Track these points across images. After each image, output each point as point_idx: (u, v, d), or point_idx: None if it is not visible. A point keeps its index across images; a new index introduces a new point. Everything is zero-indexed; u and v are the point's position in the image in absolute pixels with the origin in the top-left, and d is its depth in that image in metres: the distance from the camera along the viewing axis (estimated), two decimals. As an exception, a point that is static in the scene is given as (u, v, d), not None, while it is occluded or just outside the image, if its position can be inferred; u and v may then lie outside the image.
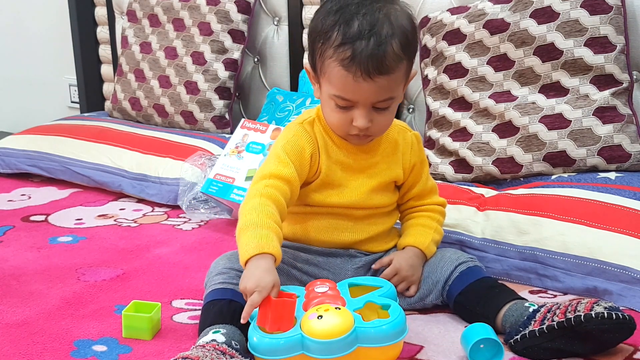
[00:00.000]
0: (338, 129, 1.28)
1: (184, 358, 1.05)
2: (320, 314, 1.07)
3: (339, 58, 1.19)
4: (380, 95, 1.22)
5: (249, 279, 1.11)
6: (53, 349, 1.20)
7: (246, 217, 1.19)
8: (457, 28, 1.83)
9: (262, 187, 1.23)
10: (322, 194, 1.32)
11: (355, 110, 1.23)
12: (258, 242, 1.14)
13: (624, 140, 1.65)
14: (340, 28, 1.19)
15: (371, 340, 1.07)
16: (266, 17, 2.36)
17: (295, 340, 1.07)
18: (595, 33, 1.67)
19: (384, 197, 1.36)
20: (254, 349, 1.08)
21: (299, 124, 1.33)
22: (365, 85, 1.19)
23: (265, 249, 1.14)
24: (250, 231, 1.16)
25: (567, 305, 1.14)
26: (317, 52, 1.24)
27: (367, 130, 1.25)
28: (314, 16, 1.27)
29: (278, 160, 1.28)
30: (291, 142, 1.30)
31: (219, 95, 2.29)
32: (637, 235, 1.38)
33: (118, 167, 2.07)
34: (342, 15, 1.20)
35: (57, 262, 1.58)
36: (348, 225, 1.34)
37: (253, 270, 1.12)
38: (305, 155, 1.30)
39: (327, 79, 1.23)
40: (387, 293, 1.19)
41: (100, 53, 2.77)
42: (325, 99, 1.27)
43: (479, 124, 1.78)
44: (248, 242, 1.15)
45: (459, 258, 1.33)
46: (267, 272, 1.11)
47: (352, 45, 1.18)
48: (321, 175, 1.31)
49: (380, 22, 1.19)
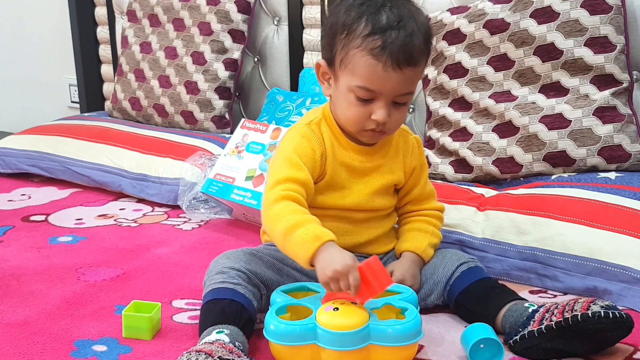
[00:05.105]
0: (354, 124, 1.27)
1: (198, 351, 1.05)
2: (337, 306, 1.10)
3: (369, 47, 1.19)
4: (404, 88, 1.23)
5: (333, 264, 1.09)
6: (53, 349, 1.20)
7: (282, 223, 1.16)
8: (457, 28, 1.83)
9: (280, 192, 1.21)
10: (325, 196, 1.32)
11: (375, 103, 1.23)
12: (313, 234, 1.13)
13: (624, 140, 1.65)
14: (368, 18, 1.20)
15: (384, 339, 1.09)
16: (266, 17, 2.36)
17: (310, 328, 1.09)
18: (595, 33, 1.66)
19: (385, 200, 1.36)
20: (271, 334, 1.11)
21: (306, 124, 1.32)
22: (394, 75, 1.20)
23: (324, 237, 1.13)
24: (296, 232, 1.14)
25: (564, 305, 1.14)
26: (338, 44, 1.24)
27: (384, 126, 1.25)
28: (331, 12, 1.28)
29: (290, 164, 1.26)
30: (302, 144, 1.29)
31: (219, 95, 2.29)
32: (637, 235, 1.38)
33: (118, 167, 2.07)
34: (369, 7, 1.21)
35: (57, 262, 1.58)
36: (348, 228, 1.34)
37: (329, 257, 1.11)
38: (316, 157, 1.29)
39: (351, 70, 1.22)
40: (408, 298, 1.20)
41: (100, 53, 2.77)
42: (343, 93, 1.26)
43: (479, 123, 1.78)
44: (302, 241, 1.13)
45: (460, 258, 1.33)
46: (342, 252, 1.11)
47: (382, 35, 1.19)
48: (326, 177, 1.31)
49: (406, 16, 1.21)
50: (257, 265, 1.28)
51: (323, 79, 1.31)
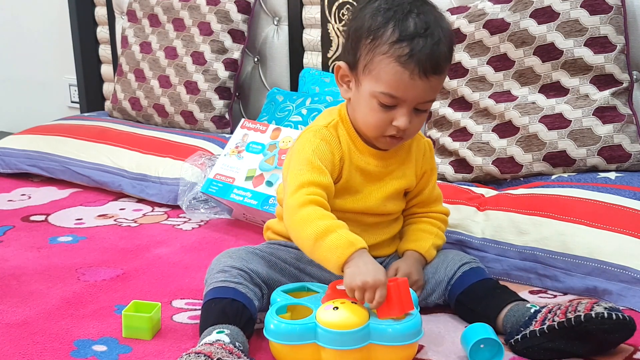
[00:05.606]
0: (374, 130, 1.26)
1: (197, 353, 1.05)
2: (337, 305, 1.10)
3: (396, 54, 1.18)
4: (428, 96, 1.23)
5: (364, 275, 1.09)
6: (53, 349, 1.20)
7: (311, 228, 1.16)
8: (457, 28, 1.83)
9: (305, 196, 1.20)
10: (339, 199, 1.30)
11: (397, 110, 1.22)
12: (346, 240, 1.14)
13: (624, 140, 1.65)
14: (395, 24, 1.19)
15: (384, 338, 1.09)
16: (266, 17, 2.36)
17: (310, 328, 1.10)
18: (595, 33, 1.66)
19: (396, 204, 1.36)
20: (271, 334, 1.11)
21: (324, 127, 1.30)
22: (420, 83, 1.19)
23: (358, 244, 1.14)
24: (328, 238, 1.14)
25: (567, 306, 1.14)
26: (362, 48, 1.22)
27: (404, 132, 1.25)
28: (356, 14, 1.25)
29: (312, 167, 1.24)
30: (321, 147, 1.27)
31: (219, 95, 2.29)
32: (637, 235, 1.38)
33: (118, 167, 2.07)
34: (396, 13, 1.20)
35: (57, 262, 1.58)
36: (356, 231, 1.33)
37: (363, 267, 1.11)
38: (335, 160, 1.28)
39: (375, 76, 1.21)
40: None
41: (100, 53, 2.77)
42: (365, 98, 1.24)
43: (479, 123, 1.78)
44: (335, 247, 1.13)
45: (462, 259, 1.33)
46: (376, 264, 1.12)
47: (410, 43, 1.18)
48: (342, 181, 1.30)
49: (433, 24, 1.20)
50: (259, 265, 1.28)
51: (342, 81, 1.29)
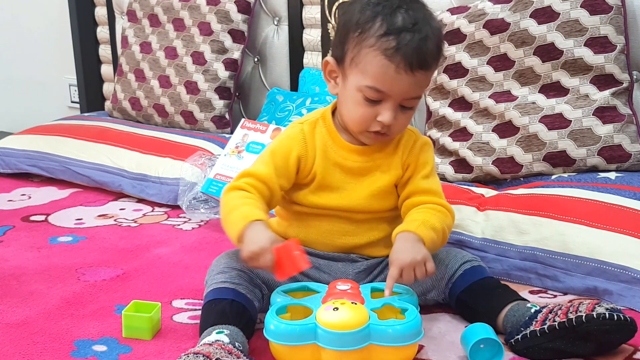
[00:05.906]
0: (358, 125, 1.27)
1: (196, 354, 1.05)
2: (337, 306, 1.10)
3: (382, 47, 1.19)
4: (414, 92, 1.23)
5: (251, 244, 1.16)
6: (53, 349, 1.20)
7: (227, 206, 1.25)
8: (457, 28, 1.83)
9: (233, 182, 1.29)
10: (319, 197, 1.32)
11: (382, 105, 1.23)
12: (241, 216, 1.20)
13: (624, 140, 1.65)
14: (384, 18, 1.20)
15: (384, 339, 1.09)
16: (266, 17, 2.36)
17: (310, 328, 1.09)
18: (595, 33, 1.66)
19: (386, 201, 1.35)
20: (271, 334, 1.11)
21: (299, 123, 1.33)
22: (405, 78, 1.20)
23: (251, 217, 1.19)
24: (230, 215, 1.22)
25: (568, 306, 1.14)
26: (350, 42, 1.23)
27: (388, 129, 1.25)
28: (346, 9, 1.27)
29: (260, 160, 1.32)
30: (281, 143, 1.33)
31: (219, 95, 2.29)
32: (637, 235, 1.38)
33: (118, 167, 2.07)
34: (384, 8, 1.21)
35: (57, 262, 1.58)
36: (349, 228, 1.33)
37: (251, 237, 1.17)
38: (291, 157, 1.30)
39: (362, 69, 1.22)
40: (408, 299, 1.20)
41: (100, 53, 2.77)
42: (351, 92, 1.25)
43: (479, 123, 1.78)
44: (233, 222, 1.20)
45: (463, 257, 1.32)
46: (261, 232, 1.17)
47: (397, 36, 1.18)
48: (317, 178, 1.31)
49: (422, 20, 1.21)
50: None
51: (330, 77, 1.30)
